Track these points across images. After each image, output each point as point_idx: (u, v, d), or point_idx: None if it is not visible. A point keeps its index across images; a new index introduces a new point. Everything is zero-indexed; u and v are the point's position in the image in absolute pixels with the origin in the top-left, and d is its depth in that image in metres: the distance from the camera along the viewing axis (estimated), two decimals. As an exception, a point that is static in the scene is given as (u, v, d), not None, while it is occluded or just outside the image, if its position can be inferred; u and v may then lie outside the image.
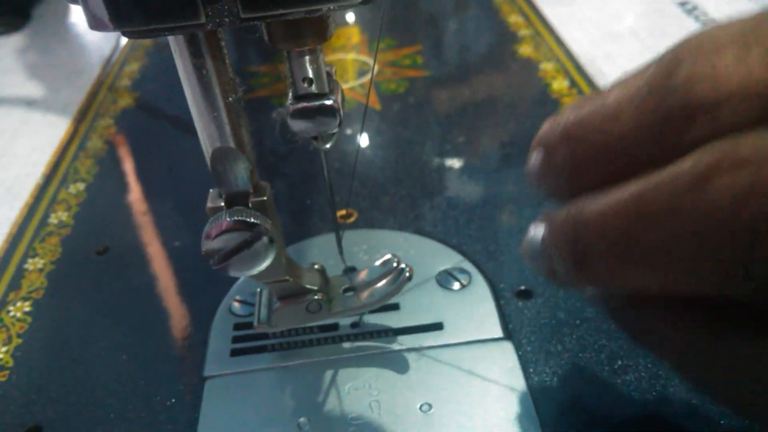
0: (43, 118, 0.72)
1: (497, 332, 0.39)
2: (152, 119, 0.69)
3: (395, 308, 0.41)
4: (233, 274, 0.31)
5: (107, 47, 0.84)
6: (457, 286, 0.43)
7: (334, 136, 0.32)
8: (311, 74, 0.28)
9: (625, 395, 0.36)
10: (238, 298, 0.43)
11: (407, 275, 0.37)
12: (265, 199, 0.31)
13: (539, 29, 0.75)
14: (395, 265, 0.38)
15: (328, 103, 0.29)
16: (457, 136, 0.58)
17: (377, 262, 0.39)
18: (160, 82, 0.74)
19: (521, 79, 0.67)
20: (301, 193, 0.54)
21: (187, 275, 0.47)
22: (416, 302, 0.42)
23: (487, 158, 0.56)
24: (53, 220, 0.53)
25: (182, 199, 0.55)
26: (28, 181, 0.60)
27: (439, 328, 0.40)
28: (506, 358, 0.38)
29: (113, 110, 0.69)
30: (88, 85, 0.75)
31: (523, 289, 0.42)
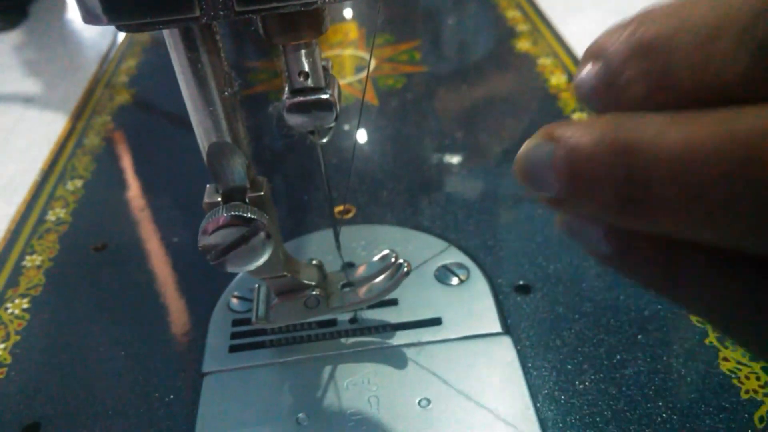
0: (40, 114, 0.72)
1: (496, 327, 0.39)
2: (150, 116, 0.69)
3: (394, 303, 0.41)
4: (231, 269, 0.31)
5: (104, 44, 0.84)
6: (455, 281, 0.43)
7: (330, 130, 0.32)
8: (307, 68, 0.28)
9: (623, 389, 0.36)
10: (236, 294, 0.43)
11: (405, 270, 0.37)
12: (262, 194, 0.31)
13: (537, 24, 0.75)
14: (393, 260, 0.38)
15: (324, 97, 0.29)
16: (455, 131, 0.58)
17: (375, 257, 0.39)
18: (157, 78, 0.74)
19: (519, 74, 0.67)
20: (299, 188, 0.54)
21: (185, 271, 0.47)
22: (415, 297, 0.42)
23: (485, 153, 0.56)
24: (51, 217, 0.53)
25: (180, 195, 0.55)
26: (25, 177, 0.60)
27: (437, 323, 0.40)
28: (505, 352, 0.38)
29: (110, 107, 0.69)
30: (85, 81, 0.75)
31: (521, 284, 0.42)
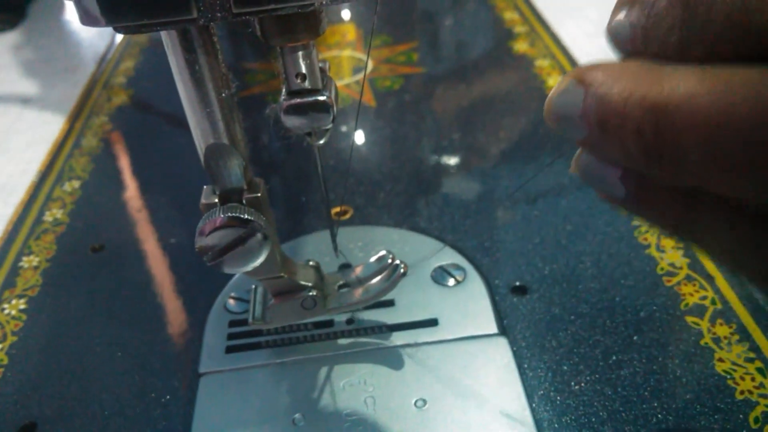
0: (38, 115, 0.72)
1: (492, 328, 0.40)
2: (147, 117, 0.69)
3: (390, 304, 0.41)
4: (228, 270, 0.31)
5: (102, 44, 0.84)
6: (451, 282, 0.43)
7: (327, 132, 0.32)
8: (304, 70, 0.28)
9: (619, 390, 0.36)
10: (233, 295, 0.43)
11: (402, 271, 0.37)
12: (259, 195, 0.31)
13: (535, 26, 0.75)
14: (390, 261, 0.38)
15: (321, 98, 0.29)
16: (452, 132, 0.58)
17: (372, 258, 0.39)
18: (155, 79, 0.74)
19: (517, 75, 0.67)
20: (296, 190, 0.54)
21: (182, 272, 0.47)
22: (411, 298, 0.42)
23: (482, 155, 0.56)
24: (48, 217, 0.53)
25: (178, 196, 0.55)
26: (23, 178, 0.60)
27: (434, 324, 0.40)
28: (501, 353, 0.38)
29: (108, 108, 0.69)
30: (83, 82, 0.75)
31: (518, 285, 0.43)
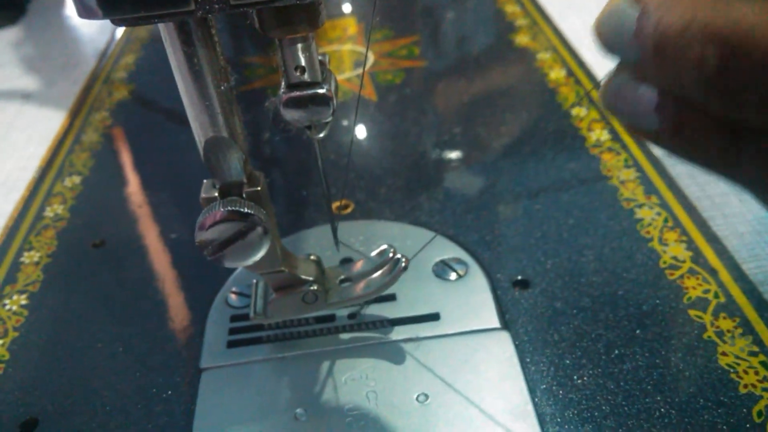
0: (38, 111, 0.72)
1: (494, 322, 0.39)
2: (148, 112, 0.68)
3: (392, 299, 0.41)
4: (228, 264, 0.31)
5: (102, 40, 0.84)
6: (453, 276, 0.43)
7: (327, 125, 0.32)
8: (303, 62, 0.28)
9: (622, 384, 0.36)
10: (234, 289, 0.43)
11: (403, 265, 0.37)
12: (259, 189, 0.31)
13: (536, 19, 0.74)
14: (391, 255, 0.38)
15: (321, 91, 0.28)
16: (453, 126, 0.58)
17: (373, 252, 0.39)
18: (155, 74, 0.73)
19: (518, 69, 0.66)
20: (296, 184, 0.54)
21: (183, 267, 0.47)
22: (413, 293, 0.42)
23: (484, 149, 0.56)
24: (49, 213, 0.53)
25: (178, 191, 0.54)
26: (23, 174, 0.60)
27: (435, 318, 0.40)
28: (503, 348, 0.38)
29: (109, 103, 0.69)
30: (83, 78, 0.75)
31: (520, 279, 0.42)
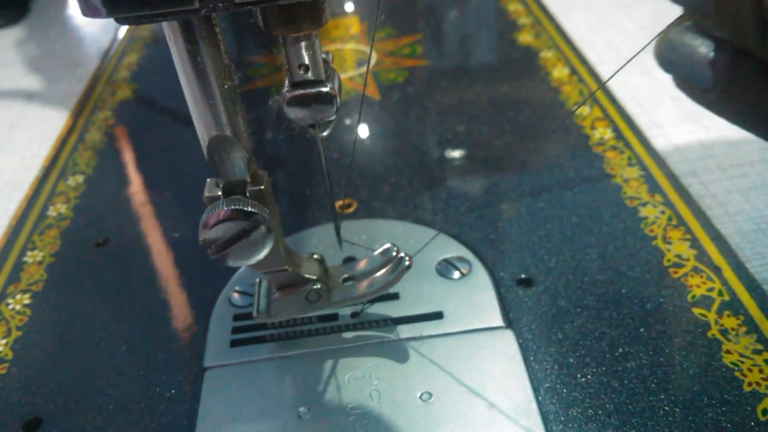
0: (41, 110, 0.72)
1: (498, 321, 0.39)
2: (151, 111, 0.69)
3: (395, 297, 0.41)
4: (231, 263, 0.31)
5: (106, 39, 0.84)
6: (456, 275, 0.43)
7: (331, 123, 0.32)
8: (307, 61, 0.28)
9: (625, 383, 0.35)
10: (237, 288, 0.43)
11: (407, 264, 0.36)
12: (262, 188, 0.31)
13: (539, 17, 0.74)
14: (395, 254, 0.38)
15: (324, 90, 0.28)
16: (456, 125, 0.58)
17: (377, 251, 0.39)
18: (158, 73, 0.73)
19: (521, 67, 0.66)
20: (299, 182, 0.54)
21: (186, 266, 0.47)
22: (416, 291, 0.42)
23: (487, 147, 0.56)
24: (52, 212, 0.53)
25: (181, 190, 0.54)
26: (27, 173, 0.60)
27: (439, 317, 0.40)
28: (507, 346, 0.38)
29: (112, 102, 0.69)
30: (86, 77, 0.75)
31: (523, 277, 0.42)
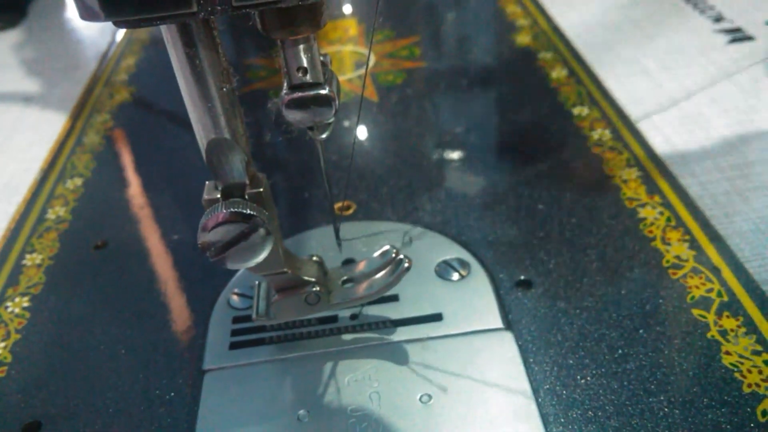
0: (40, 113, 0.72)
1: (497, 322, 0.39)
2: (149, 114, 0.69)
3: (394, 299, 0.41)
4: (231, 266, 0.31)
5: (103, 42, 0.84)
6: (456, 276, 0.43)
7: (329, 126, 0.32)
8: (305, 63, 0.28)
9: (625, 384, 0.35)
10: (236, 291, 0.43)
11: (406, 266, 0.36)
12: (261, 190, 0.31)
13: (537, 19, 0.74)
14: (394, 256, 0.38)
15: (323, 92, 0.28)
16: (455, 127, 0.58)
17: (376, 253, 0.39)
18: (156, 76, 0.73)
19: (519, 68, 0.66)
20: (298, 185, 0.54)
21: (185, 269, 0.47)
22: (415, 293, 0.42)
23: (485, 149, 0.56)
24: (51, 215, 0.53)
25: (180, 192, 0.54)
26: (25, 176, 0.60)
27: (438, 319, 0.40)
28: (506, 348, 0.38)
29: (110, 105, 0.69)
30: (84, 80, 0.75)
31: (522, 279, 0.42)
